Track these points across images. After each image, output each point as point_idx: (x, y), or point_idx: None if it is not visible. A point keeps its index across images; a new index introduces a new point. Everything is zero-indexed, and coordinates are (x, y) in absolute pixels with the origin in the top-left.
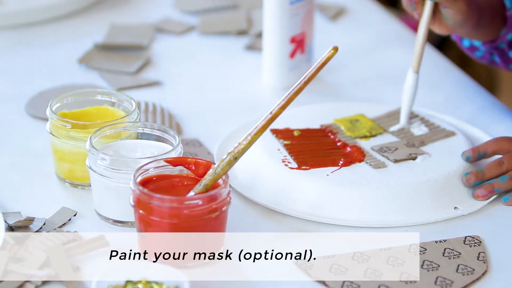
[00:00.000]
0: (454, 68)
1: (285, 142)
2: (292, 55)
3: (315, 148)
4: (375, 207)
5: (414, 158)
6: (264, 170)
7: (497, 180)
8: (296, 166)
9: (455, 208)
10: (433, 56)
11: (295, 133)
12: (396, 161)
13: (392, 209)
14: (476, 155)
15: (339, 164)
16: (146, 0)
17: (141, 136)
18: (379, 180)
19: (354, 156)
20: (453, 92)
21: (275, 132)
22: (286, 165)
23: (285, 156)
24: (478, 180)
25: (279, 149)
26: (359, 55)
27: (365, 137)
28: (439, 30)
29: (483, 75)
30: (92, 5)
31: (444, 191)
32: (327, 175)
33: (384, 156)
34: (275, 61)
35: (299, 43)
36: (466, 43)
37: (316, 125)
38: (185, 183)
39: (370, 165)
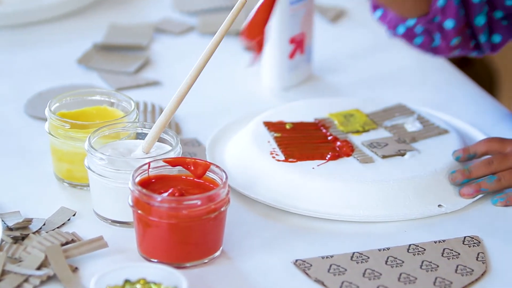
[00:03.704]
0: (453, 69)
1: (276, 134)
2: (292, 55)
3: (305, 141)
4: (357, 202)
5: (402, 155)
6: (252, 162)
7: (485, 180)
8: (283, 158)
9: (439, 205)
10: (432, 58)
11: (287, 126)
12: (384, 156)
13: (375, 204)
14: (466, 155)
15: (326, 158)
16: (145, 0)
17: (140, 136)
18: (364, 175)
19: (343, 150)
20: (452, 93)
21: (268, 124)
22: (274, 157)
23: (273, 149)
24: (465, 178)
25: (269, 141)
26: (359, 57)
27: (357, 132)
28: None
29: (483, 76)
30: (91, 5)
31: (429, 188)
32: (313, 168)
33: (373, 151)
34: (275, 61)
35: (298, 44)
36: (401, 29)
37: (310, 119)
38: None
39: (358, 159)
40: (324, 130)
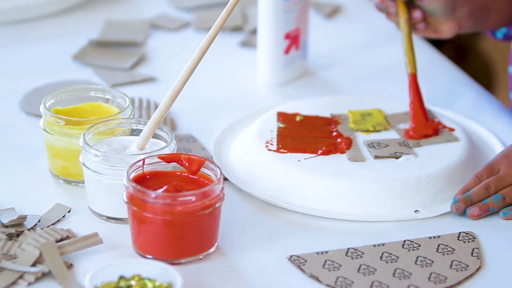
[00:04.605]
0: (449, 64)
1: (281, 125)
2: (287, 51)
3: (306, 134)
4: (332, 198)
5: (397, 157)
6: (249, 151)
7: (491, 199)
8: (275, 148)
9: (416, 211)
10: (429, 53)
11: (297, 118)
12: (376, 157)
13: (349, 202)
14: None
15: (318, 153)
16: None
17: (135, 132)
18: (345, 173)
19: (339, 147)
20: (448, 89)
21: (280, 115)
22: (267, 146)
23: (271, 138)
24: (468, 206)
25: (272, 131)
26: (355, 52)
27: (367, 131)
28: (442, 33)
29: (480, 71)
30: (87, 1)
31: (407, 193)
32: (299, 160)
33: (369, 151)
34: (270, 57)
35: (293, 39)
36: (499, 35)
37: (327, 114)
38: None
39: (347, 157)
40: (332, 126)
